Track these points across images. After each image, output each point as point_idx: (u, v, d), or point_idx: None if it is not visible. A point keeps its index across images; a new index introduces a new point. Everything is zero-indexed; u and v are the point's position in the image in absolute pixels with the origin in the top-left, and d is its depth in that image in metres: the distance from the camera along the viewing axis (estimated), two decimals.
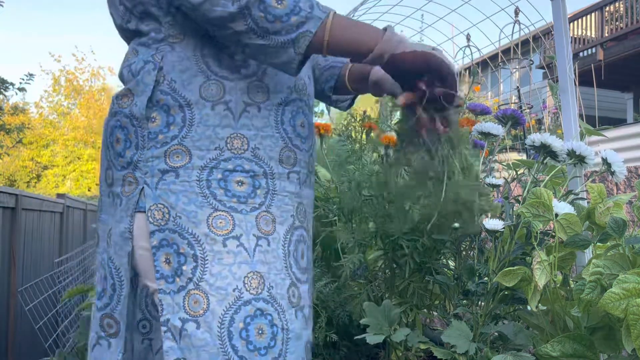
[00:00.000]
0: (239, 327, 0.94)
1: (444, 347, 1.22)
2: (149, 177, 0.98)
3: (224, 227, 0.96)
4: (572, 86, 1.41)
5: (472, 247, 1.41)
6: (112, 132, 1.04)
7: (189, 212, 0.96)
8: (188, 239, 0.95)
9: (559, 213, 1.11)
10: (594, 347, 1.01)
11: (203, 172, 0.97)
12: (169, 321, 0.95)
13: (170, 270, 0.95)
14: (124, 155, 1.01)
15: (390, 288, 1.56)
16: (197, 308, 0.94)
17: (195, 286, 0.94)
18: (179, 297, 0.94)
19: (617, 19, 10.61)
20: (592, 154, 1.21)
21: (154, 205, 0.97)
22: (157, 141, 0.98)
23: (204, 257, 0.95)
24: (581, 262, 1.28)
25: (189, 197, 0.96)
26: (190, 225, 0.95)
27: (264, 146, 1.01)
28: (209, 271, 0.94)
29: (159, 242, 0.96)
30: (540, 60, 7.63)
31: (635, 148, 4.31)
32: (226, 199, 0.97)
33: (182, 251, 0.95)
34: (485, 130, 1.33)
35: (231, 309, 0.94)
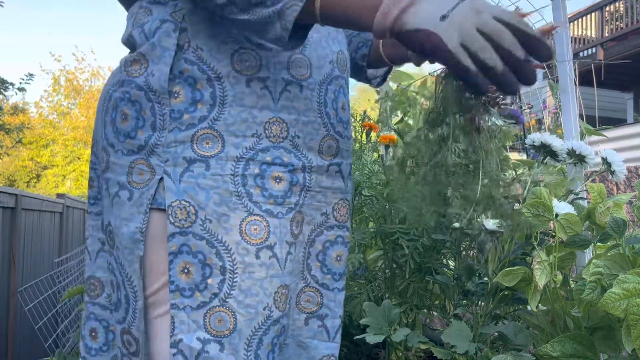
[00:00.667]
0: (267, 349, 0.83)
1: (444, 347, 1.22)
2: (171, 167, 0.81)
3: (258, 235, 0.83)
4: (572, 86, 1.40)
5: (472, 247, 1.41)
6: (116, 106, 0.85)
7: (220, 215, 0.81)
8: (217, 247, 0.81)
9: (559, 213, 1.11)
10: (594, 347, 1.01)
11: (238, 164, 0.82)
12: (182, 341, 0.80)
13: (189, 283, 0.81)
14: (135, 137, 0.83)
15: (390, 288, 1.56)
16: (221, 327, 0.81)
17: (221, 302, 0.81)
18: (198, 315, 0.81)
19: (617, 19, 10.61)
20: (592, 154, 1.21)
21: (176, 202, 0.81)
22: (182, 122, 0.82)
23: (233, 270, 0.81)
24: (581, 262, 1.28)
25: (221, 195, 0.81)
26: (220, 231, 0.81)
27: (305, 134, 0.87)
28: (239, 286, 0.81)
29: (178, 248, 0.81)
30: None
31: (635, 148, 4.31)
32: (262, 200, 0.83)
33: (209, 262, 0.81)
34: None
35: (260, 329, 0.82)
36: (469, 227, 0.86)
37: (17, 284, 3.62)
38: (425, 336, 1.32)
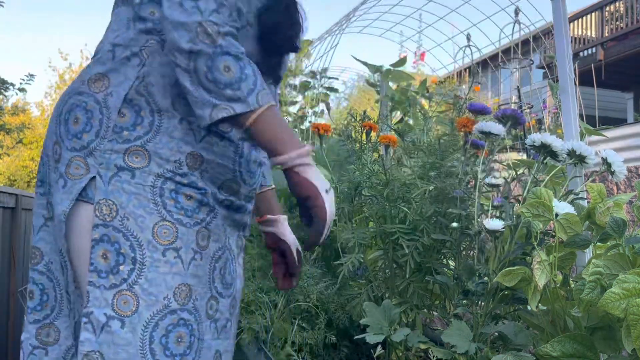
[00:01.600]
0: (161, 333, 0.98)
1: (444, 347, 1.22)
2: (104, 170, 0.99)
3: (167, 238, 0.99)
4: (572, 86, 1.40)
5: (472, 247, 1.41)
6: (71, 109, 1.03)
7: (138, 216, 0.98)
8: (131, 241, 0.97)
9: (559, 213, 1.11)
10: (594, 347, 1.01)
11: (158, 179, 0.99)
12: (92, 314, 0.96)
13: (105, 266, 0.97)
14: (80, 138, 1.01)
15: (390, 288, 1.56)
16: (125, 308, 0.97)
17: (128, 287, 0.97)
18: (109, 294, 0.97)
19: (617, 19, 10.61)
20: (593, 154, 1.21)
21: (103, 200, 0.98)
22: (121, 136, 0.99)
23: (142, 262, 0.97)
24: (581, 262, 1.28)
25: (140, 200, 0.98)
26: (136, 229, 0.97)
27: (214, 172, 1.05)
28: (145, 276, 0.97)
29: (100, 237, 0.97)
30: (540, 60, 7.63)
31: (635, 148, 4.31)
32: (174, 210, 1.00)
33: (123, 252, 0.97)
34: (486, 130, 1.33)
35: (158, 315, 0.98)
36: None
37: (17, 284, 3.62)
38: (425, 336, 1.32)
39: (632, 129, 4.62)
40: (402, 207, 1.54)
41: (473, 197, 1.36)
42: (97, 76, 1.03)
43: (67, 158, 1.01)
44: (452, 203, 1.42)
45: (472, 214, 1.32)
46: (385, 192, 1.54)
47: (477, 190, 1.31)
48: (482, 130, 1.34)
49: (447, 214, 1.44)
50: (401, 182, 1.57)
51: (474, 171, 1.40)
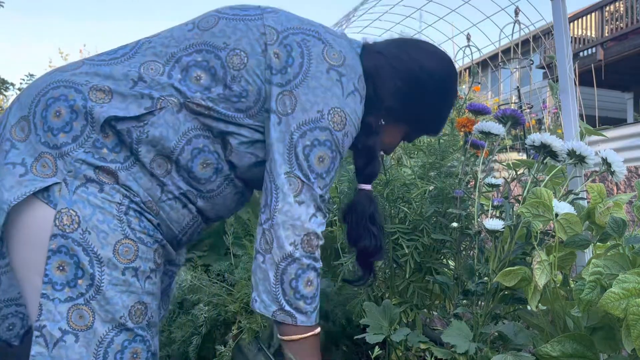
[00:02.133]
0: (116, 349, 0.98)
1: (444, 347, 1.22)
2: (71, 177, 0.96)
3: (127, 256, 0.99)
4: (572, 86, 1.40)
5: (472, 247, 1.41)
6: (57, 99, 0.99)
7: (100, 231, 0.96)
8: (91, 256, 0.96)
9: (559, 213, 1.11)
10: (594, 347, 1.01)
11: (125, 199, 0.99)
12: (45, 327, 0.94)
13: (62, 278, 0.95)
14: (55, 135, 0.98)
15: (390, 288, 1.56)
16: (80, 322, 0.95)
17: (85, 302, 0.95)
18: (63, 307, 0.95)
19: (617, 19, 10.60)
20: (592, 154, 1.21)
21: (65, 209, 0.95)
22: (99, 152, 0.98)
23: (100, 280, 0.96)
24: (581, 262, 1.28)
25: (105, 215, 0.97)
26: (97, 244, 0.96)
27: (165, 225, 1.08)
28: (103, 294, 0.96)
29: (57, 247, 0.95)
30: (540, 60, 7.63)
31: (635, 148, 4.31)
32: (138, 229, 1.00)
33: (82, 267, 0.95)
34: (485, 130, 1.33)
35: (113, 331, 0.97)
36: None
37: None
38: (425, 336, 1.32)
39: (632, 129, 4.62)
40: (402, 207, 1.54)
41: (473, 197, 1.36)
42: (104, 88, 1.00)
43: (39, 151, 0.97)
44: (452, 203, 1.42)
45: (472, 214, 1.32)
46: (385, 192, 1.54)
47: (477, 190, 1.31)
48: (482, 130, 1.34)
49: (447, 214, 1.44)
50: (401, 182, 1.57)
51: (474, 171, 1.40)
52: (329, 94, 1.03)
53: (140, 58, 1.05)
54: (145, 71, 1.02)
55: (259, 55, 1.04)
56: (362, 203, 1.16)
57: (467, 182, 1.47)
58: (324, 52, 1.06)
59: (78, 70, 1.03)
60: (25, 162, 0.97)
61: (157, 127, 1.00)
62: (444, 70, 1.18)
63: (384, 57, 1.13)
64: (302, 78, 1.03)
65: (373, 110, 1.11)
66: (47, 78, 1.03)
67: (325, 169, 1.04)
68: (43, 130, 0.98)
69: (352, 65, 1.08)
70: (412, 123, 1.20)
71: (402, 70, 1.13)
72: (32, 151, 0.97)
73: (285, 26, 1.07)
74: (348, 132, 1.06)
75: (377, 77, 1.11)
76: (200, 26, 1.07)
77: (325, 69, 1.04)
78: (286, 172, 1.02)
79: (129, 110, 0.99)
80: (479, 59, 5.60)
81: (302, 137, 1.02)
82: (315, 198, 1.03)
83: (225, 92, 1.02)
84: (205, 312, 1.74)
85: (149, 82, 1.01)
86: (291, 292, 1.00)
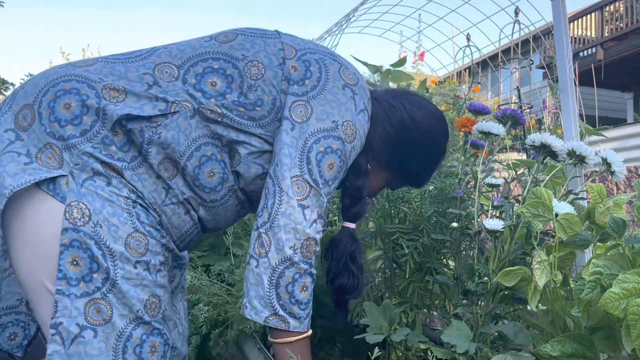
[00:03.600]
0: (135, 342, 0.96)
1: (443, 347, 1.22)
2: (78, 171, 0.95)
3: (139, 249, 0.98)
4: (572, 86, 1.40)
5: (472, 247, 1.41)
6: (67, 92, 0.98)
7: (111, 224, 0.95)
8: (104, 250, 0.94)
9: (559, 213, 1.11)
10: (594, 347, 1.01)
11: (132, 194, 0.99)
12: (61, 324, 0.92)
13: (76, 273, 0.93)
14: (63, 127, 0.96)
15: (390, 288, 1.56)
16: (98, 317, 0.94)
17: (102, 296, 0.94)
18: (80, 302, 0.93)
19: (617, 19, 10.60)
20: (592, 154, 1.21)
21: (75, 202, 0.93)
22: (107, 149, 0.98)
23: (115, 273, 0.95)
24: (581, 262, 1.28)
25: (114, 208, 0.96)
26: (109, 238, 0.95)
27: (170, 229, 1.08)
28: (119, 288, 0.95)
29: (69, 242, 0.93)
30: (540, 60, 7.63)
31: (635, 148, 4.31)
32: (147, 222, 1.00)
33: (97, 260, 0.94)
34: (485, 130, 1.33)
35: (131, 324, 0.96)
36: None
37: None
38: (425, 336, 1.32)
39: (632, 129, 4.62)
40: (402, 207, 1.54)
41: (473, 197, 1.36)
42: (118, 87, 1.00)
43: (44, 141, 0.95)
44: (452, 203, 1.42)
45: (472, 214, 1.32)
46: (385, 192, 1.54)
47: (477, 190, 1.31)
48: (481, 130, 1.34)
49: (447, 214, 1.44)
50: None
51: (474, 171, 1.40)
52: (344, 108, 1.07)
53: (155, 59, 1.05)
54: (160, 75, 1.03)
55: (276, 68, 1.07)
56: (345, 241, 1.17)
57: (467, 182, 1.47)
58: (340, 70, 1.11)
59: (92, 67, 1.02)
60: (30, 152, 0.95)
61: (170, 129, 1.00)
62: (435, 125, 1.22)
63: (380, 103, 1.18)
64: (319, 90, 1.06)
65: (363, 152, 1.14)
66: (58, 70, 1.02)
67: (332, 176, 1.06)
68: (49, 120, 0.96)
69: (364, 87, 1.14)
70: (397, 171, 1.24)
71: (394, 118, 1.18)
72: (36, 141, 0.96)
73: (302, 46, 1.12)
74: (355, 146, 1.10)
75: (371, 122, 1.14)
76: (218, 39, 1.10)
77: (341, 85, 1.09)
78: (295, 176, 1.02)
79: (143, 110, 0.99)
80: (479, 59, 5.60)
81: (316, 142, 1.04)
82: (321, 204, 1.04)
83: (240, 99, 1.04)
84: (205, 312, 1.74)
85: (164, 87, 1.02)
86: (286, 296, 1.00)
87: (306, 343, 1.05)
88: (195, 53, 1.06)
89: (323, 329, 1.63)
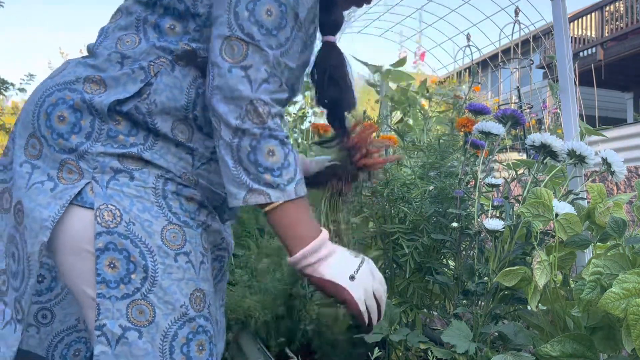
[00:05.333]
0: (181, 342, 0.93)
1: (444, 347, 1.22)
2: (99, 174, 0.93)
3: (176, 242, 0.94)
4: (572, 86, 1.40)
5: (472, 247, 1.41)
6: (55, 104, 0.95)
7: (144, 220, 0.92)
8: (141, 248, 0.92)
9: (559, 213, 1.11)
10: (594, 347, 1.01)
11: (159, 180, 0.95)
12: (105, 326, 0.91)
13: (114, 275, 0.91)
14: (68, 140, 0.94)
15: (390, 288, 1.56)
16: (141, 318, 0.92)
17: (142, 297, 0.92)
18: (121, 304, 0.91)
19: (617, 19, 10.61)
20: (592, 154, 1.21)
21: (103, 205, 0.91)
22: (116, 140, 0.94)
23: (154, 270, 0.92)
24: (581, 262, 1.28)
25: (144, 204, 0.93)
26: (144, 234, 0.92)
27: (205, 197, 1.03)
28: (159, 285, 0.92)
29: (104, 245, 0.91)
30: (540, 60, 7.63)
31: (635, 148, 4.31)
32: (180, 212, 0.96)
33: (133, 260, 0.91)
34: (486, 130, 1.33)
35: (176, 323, 0.93)
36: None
37: None
38: (425, 336, 1.32)
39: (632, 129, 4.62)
40: (402, 207, 1.54)
41: (473, 197, 1.37)
42: (94, 78, 0.96)
43: (58, 161, 0.94)
44: (452, 203, 1.42)
45: (472, 214, 1.32)
46: (385, 192, 1.54)
47: (477, 190, 1.31)
48: (482, 130, 1.34)
49: (447, 214, 1.44)
50: (401, 182, 1.57)
51: (474, 171, 1.40)
52: None
53: (112, 36, 1.01)
54: (123, 47, 0.98)
55: None
56: (325, 55, 1.09)
57: (467, 182, 1.47)
58: None
59: (65, 71, 1.00)
60: (51, 175, 0.94)
61: (161, 92, 0.95)
62: None
63: None
64: None
65: None
66: (39, 89, 1.00)
67: (274, 24, 0.91)
68: (53, 139, 0.94)
69: None
70: None
71: None
72: (52, 163, 0.94)
73: None
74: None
75: None
76: None
77: None
78: (225, 37, 0.90)
79: (127, 89, 0.95)
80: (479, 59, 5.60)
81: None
82: (267, 59, 0.90)
83: (196, 21, 0.97)
84: None
85: (133, 56, 0.97)
86: (252, 167, 0.90)
87: (296, 206, 0.93)
88: (141, 10, 1.01)
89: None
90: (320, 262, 0.92)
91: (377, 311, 0.96)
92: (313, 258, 0.91)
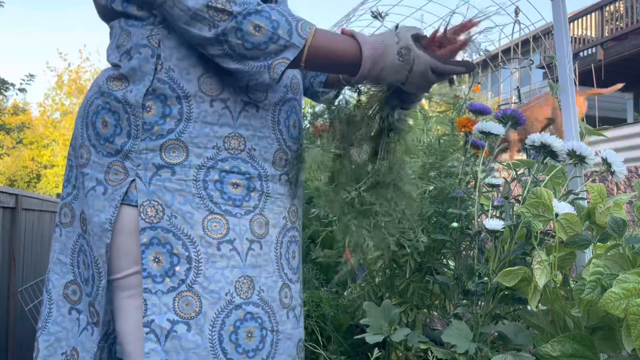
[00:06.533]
0: (229, 330, 0.94)
1: (444, 347, 1.22)
2: (142, 170, 0.95)
3: (219, 231, 0.95)
4: (572, 86, 1.40)
5: (472, 247, 1.41)
6: (97, 112, 0.99)
7: (185, 212, 0.94)
8: (183, 240, 0.94)
9: (559, 213, 1.11)
10: (594, 347, 1.01)
11: (200, 171, 0.96)
12: (154, 322, 0.92)
13: (159, 270, 0.93)
14: (113, 142, 0.97)
15: (390, 288, 1.56)
16: (188, 310, 0.93)
17: (188, 288, 0.93)
18: (168, 298, 0.93)
19: (617, 19, 10.60)
20: (592, 154, 1.21)
21: (147, 201, 0.94)
22: (153, 132, 0.95)
23: (198, 260, 0.94)
24: (581, 262, 1.28)
25: (185, 197, 0.95)
26: (185, 226, 0.94)
27: (260, 147, 1.00)
28: (203, 274, 0.94)
29: (149, 240, 0.94)
30: (540, 60, 7.63)
31: (635, 148, 4.31)
32: (222, 202, 0.96)
33: (176, 252, 0.93)
34: (486, 130, 1.33)
35: (223, 312, 0.94)
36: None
37: (17, 284, 3.62)
38: (425, 336, 1.32)
39: (632, 129, 4.63)
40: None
41: (473, 197, 1.37)
42: (115, 75, 0.99)
43: (105, 164, 0.97)
44: (452, 203, 1.42)
45: (472, 214, 1.32)
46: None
47: (477, 190, 1.31)
48: (482, 130, 1.34)
49: (447, 214, 1.44)
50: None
51: (474, 171, 1.40)
52: None
53: (112, 47, 1.04)
54: (123, 46, 1.00)
55: None
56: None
57: (467, 182, 1.47)
58: None
59: (94, 81, 1.04)
60: (99, 179, 0.97)
61: (171, 56, 0.96)
62: None
63: None
64: None
65: None
66: (82, 103, 1.05)
67: None
68: (100, 144, 0.98)
69: None
70: None
71: None
72: (99, 167, 0.98)
73: None
74: None
75: None
76: None
77: None
78: None
79: (144, 69, 0.96)
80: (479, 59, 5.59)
81: None
82: None
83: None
84: None
85: (134, 44, 0.98)
86: (254, 51, 0.90)
87: (318, 41, 0.92)
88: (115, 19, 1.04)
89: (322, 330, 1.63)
90: (384, 57, 0.91)
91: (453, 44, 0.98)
92: (376, 70, 0.92)
